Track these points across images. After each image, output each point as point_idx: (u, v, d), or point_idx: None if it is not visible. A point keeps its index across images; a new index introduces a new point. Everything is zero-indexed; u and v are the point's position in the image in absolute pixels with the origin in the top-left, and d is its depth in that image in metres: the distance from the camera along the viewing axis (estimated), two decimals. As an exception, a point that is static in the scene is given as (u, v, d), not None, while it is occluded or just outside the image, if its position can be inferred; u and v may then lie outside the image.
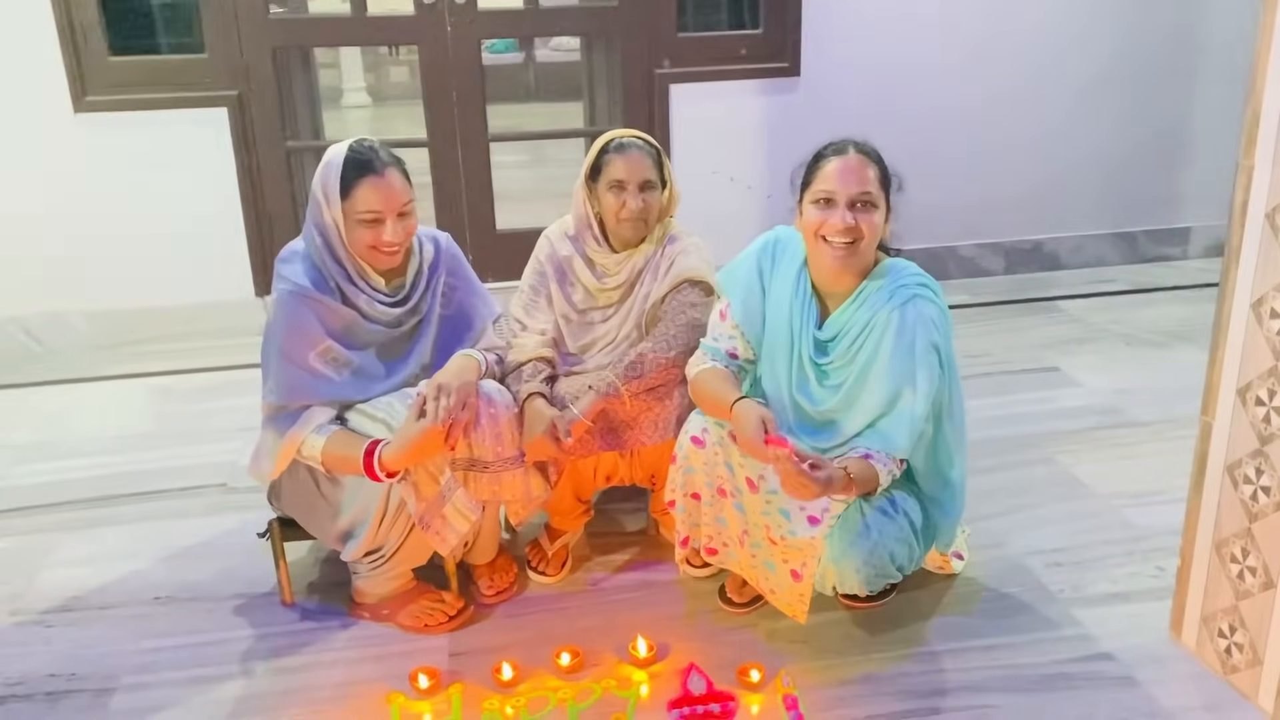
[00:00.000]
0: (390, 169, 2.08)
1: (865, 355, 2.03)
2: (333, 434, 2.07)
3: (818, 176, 2.01)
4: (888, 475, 1.99)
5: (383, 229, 2.06)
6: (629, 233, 2.31)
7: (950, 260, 4.31)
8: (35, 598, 2.40)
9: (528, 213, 4.18)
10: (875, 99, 4.02)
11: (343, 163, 2.05)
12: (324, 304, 2.09)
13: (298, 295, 2.07)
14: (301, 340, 2.07)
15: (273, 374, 2.10)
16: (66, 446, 3.11)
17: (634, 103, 3.92)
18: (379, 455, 2.01)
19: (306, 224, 2.13)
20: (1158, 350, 3.62)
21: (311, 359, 2.08)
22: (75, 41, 3.54)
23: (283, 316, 2.08)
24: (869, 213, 1.98)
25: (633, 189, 2.28)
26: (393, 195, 2.07)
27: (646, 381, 2.20)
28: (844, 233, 1.97)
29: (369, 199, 2.05)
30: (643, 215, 2.29)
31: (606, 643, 2.18)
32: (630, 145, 2.30)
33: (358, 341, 2.14)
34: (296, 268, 2.10)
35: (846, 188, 1.97)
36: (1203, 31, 4.18)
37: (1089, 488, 2.74)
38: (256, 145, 3.75)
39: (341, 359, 2.11)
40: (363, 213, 2.05)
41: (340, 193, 2.04)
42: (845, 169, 1.98)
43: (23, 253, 3.70)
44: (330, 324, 2.10)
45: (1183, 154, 4.37)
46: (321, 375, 2.09)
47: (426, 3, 3.70)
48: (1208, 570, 2.03)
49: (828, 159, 2.02)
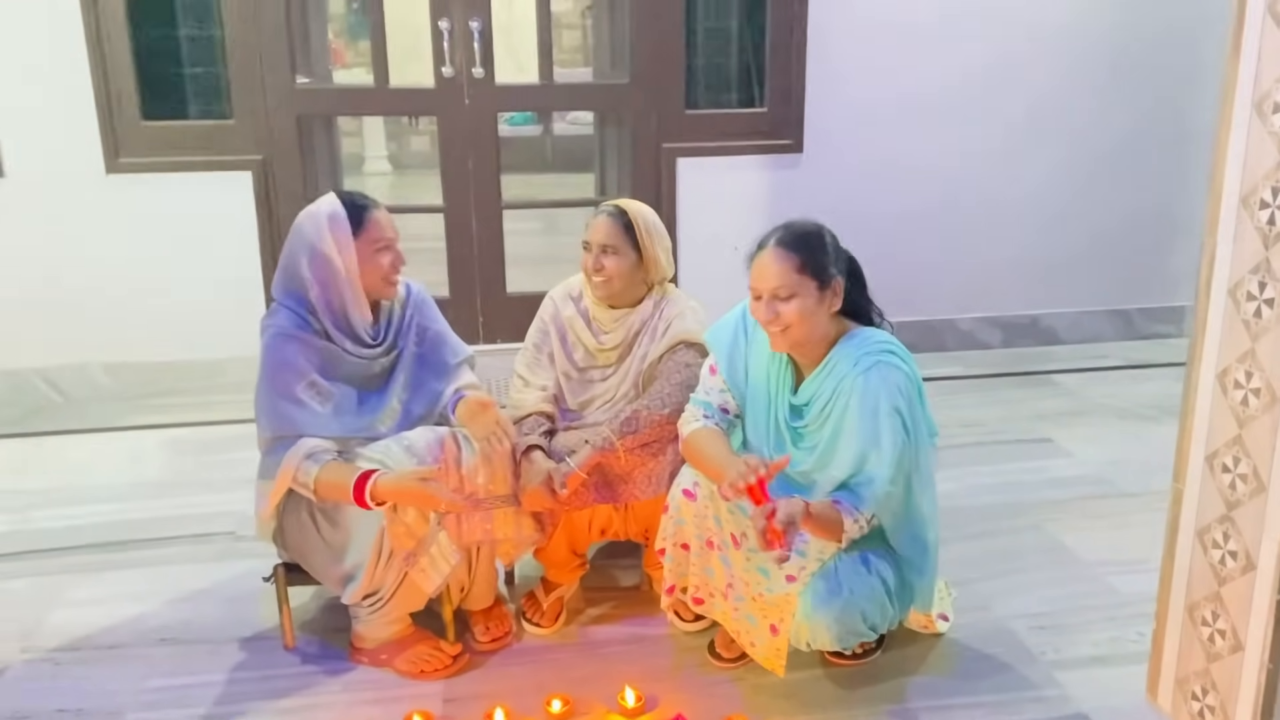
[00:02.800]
0: (376, 204, 2.31)
1: (834, 420, 2.11)
2: (327, 463, 2.17)
3: (750, 270, 2.13)
4: (855, 526, 2.06)
5: (395, 254, 2.28)
6: (599, 291, 2.46)
7: (948, 333, 4.41)
8: (46, 636, 2.47)
9: (538, 276, 4.29)
10: (875, 175, 4.17)
11: (343, 208, 2.24)
12: (307, 341, 2.24)
13: (283, 335, 2.23)
14: (289, 374, 2.22)
15: (264, 410, 2.23)
16: (82, 493, 3.20)
17: (643, 175, 4.08)
18: (372, 483, 2.11)
19: (285, 282, 2.28)
20: (1150, 424, 3.69)
21: (299, 391, 2.22)
22: (111, 106, 3.72)
23: (271, 356, 2.23)
24: (790, 302, 2.07)
25: (595, 250, 2.43)
26: (390, 223, 2.30)
27: (641, 437, 2.30)
28: (769, 323, 2.09)
29: (377, 230, 2.26)
30: (601, 273, 2.42)
31: (596, 692, 2.23)
32: (603, 212, 2.46)
33: (338, 375, 2.29)
34: (279, 317, 2.27)
35: (765, 282, 2.08)
36: (1198, 116, 4.32)
37: (1076, 555, 2.80)
38: (279, 208, 3.90)
39: (325, 392, 2.25)
40: (378, 241, 2.25)
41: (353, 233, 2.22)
42: (763, 265, 2.09)
43: (48, 305, 3.84)
44: (313, 358, 2.25)
45: (1178, 234, 4.48)
46: (308, 407, 2.22)
47: (446, 76, 3.87)
48: (1180, 633, 2.08)
49: (758, 252, 2.12)
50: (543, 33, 3.97)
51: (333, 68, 5.84)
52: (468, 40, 3.83)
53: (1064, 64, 4.21)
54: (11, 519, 3.03)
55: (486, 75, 3.89)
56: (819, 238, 2.12)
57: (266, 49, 3.76)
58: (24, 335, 3.85)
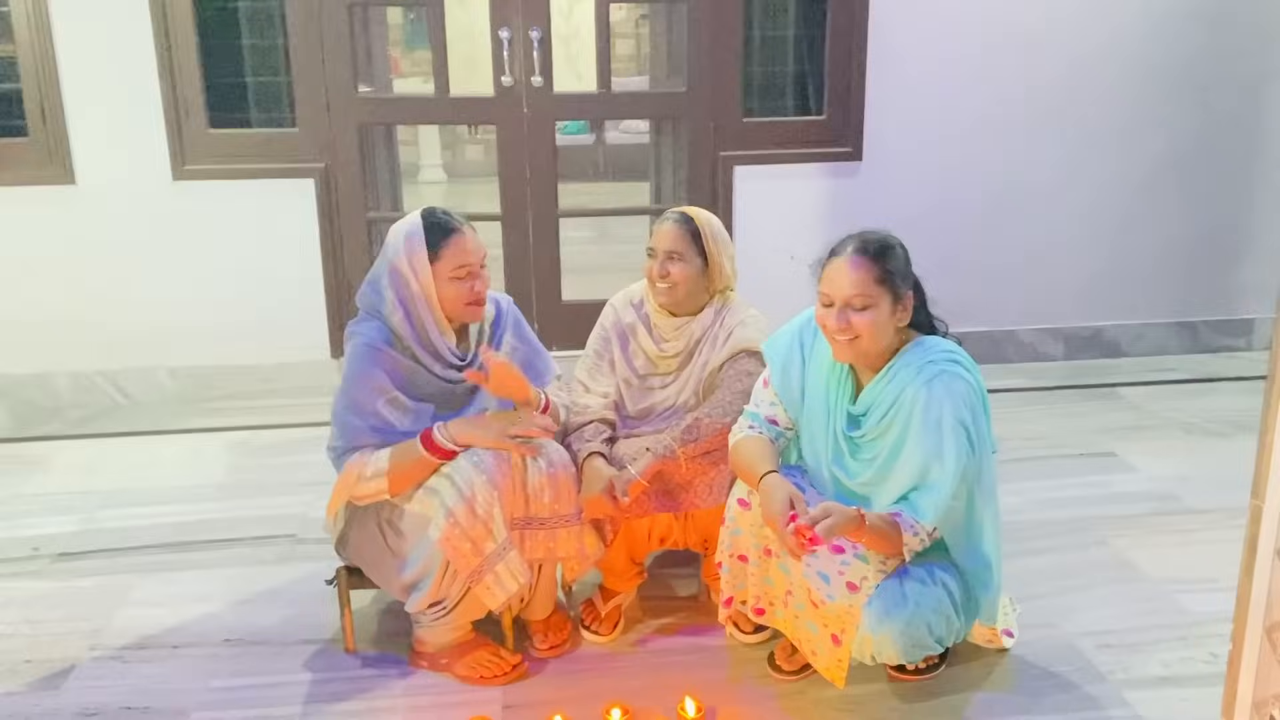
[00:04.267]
0: (466, 226, 2.25)
1: (896, 430, 2.08)
2: (392, 448, 2.18)
3: (823, 277, 2.10)
4: (915, 539, 2.03)
5: (476, 281, 2.22)
6: (662, 298, 2.44)
7: (1009, 344, 4.35)
8: (113, 634, 2.52)
9: (593, 285, 4.30)
10: (935, 185, 4.12)
11: (423, 229, 2.20)
12: (394, 357, 2.22)
13: (371, 347, 2.21)
14: (371, 388, 2.20)
15: (339, 421, 2.23)
16: (147, 494, 3.26)
17: (699, 183, 4.07)
18: (439, 427, 2.14)
19: (374, 294, 2.25)
20: (1218, 440, 3.61)
21: (380, 406, 2.21)
22: (179, 114, 3.79)
23: (355, 366, 2.21)
24: (864, 313, 2.05)
25: (661, 256, 2.41)
26: (478, 248, 2.23)
27: (702, 445, 2.29)
28: (840, 332, 2.06)
29: (459, 256, 2.20)
30: (667, 280, 2.41)
31: (655, 702, 2.22)
32: (668, 219, 2.45)
33: (420, 394, 2.27)
34: (368, 326, 2.24)
35: (840, 291, 2.05)
36: (1265, 123, 4.23)
37: (1143, 572, 2.74)
38: (339, 215, 3.95)
39: (404, 407, 2.23)
40: (456, 269, 2.20)
41: (429, 257, 2.19)
42: (839, 272, 2.06)
43: (115, 310, 3.92)
44: (396, 375, 2.23)
45: (1246, 246, 4.39)
46: (385, 421, 2.21)
47: (506, 85, 3.90)
48: (1259, 655, 2.02)
49: (830, 260, 2.09)
50: (601, 41, 3.98)
51: (391, 77, 5.90)
52: (527, 49, 3.85)
53: (1130, 73, 4.13)
54: (80, 519, 3.10)
55: (545, 84, 3.90)
56: (896, 250, 2.10)
57: (329, 58, 3.81)
58: (91, 338, 3.93)
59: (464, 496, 2.14)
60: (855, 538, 2.00)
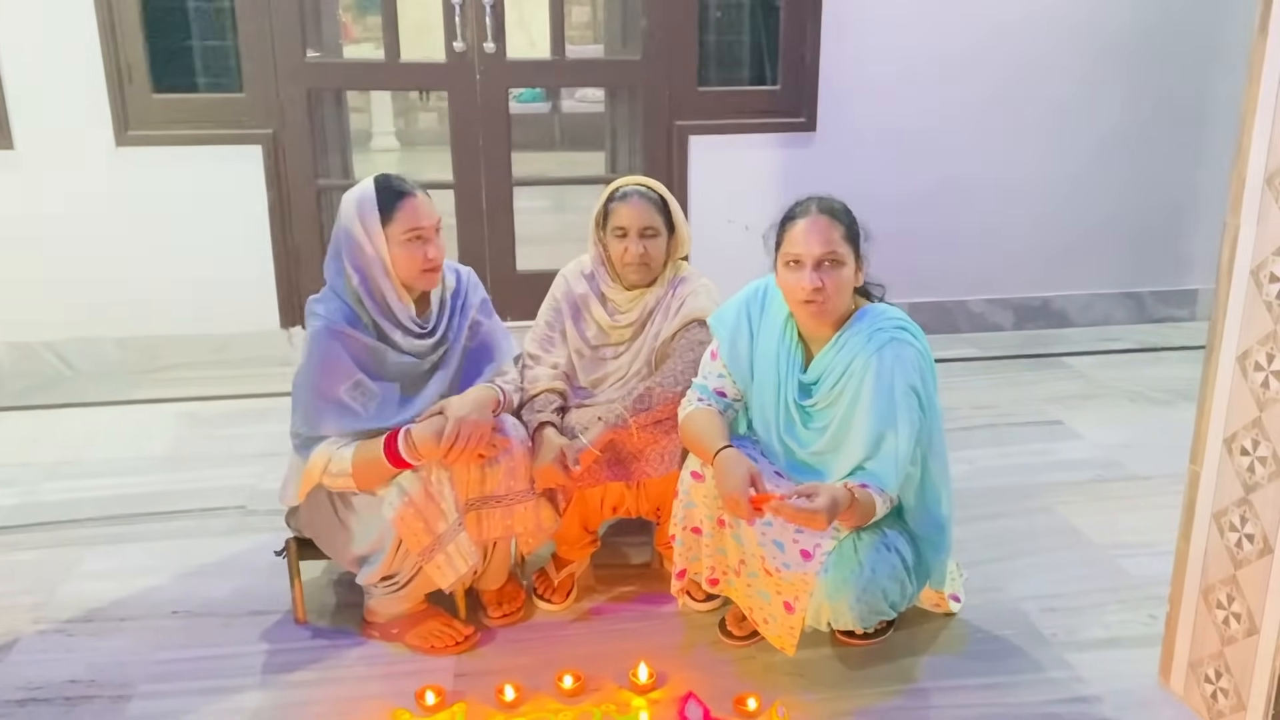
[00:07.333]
0: (419, 190, 2.21)
1: (848, 399, 2.10)
2: (356, 445, 2.15)
3: (786, 239, 2.09)
4: (884, 505, 2.06)
5: (429, 246, 2.18)
6: (634, 276, 2.42)
7: (960, 314, 4.39)
8: (58, 608, 2.48)
9: (548, 255, 4.27)
10: (889, 155, 4.14)
11: (375, 193, 2.17)
12: (356, 338, 2.18)
13: (332, 330, 2.16)
14: (333, 374, 2.16)
15: (302, 406, 2.18)
16: (93, 466, 3.21)
17: (654, 153, 4.05)
18: (404, 433, 2.11)
19: (335, 266, 2.21)
20: (1161, 408, 3.68)
21: (341, 393, 2.16)
22: (121, 78, 3.70)
23: (317, 351, 2.17)
24: (835, 270, 2.05)
25: (634, 235, 2.38)
26: (430, 213, 2.20)
27: (654, 414, 2.29)
28: (814, 292, 2.05)
29: (412, 218, 2.16)
30: (644, 260, 2.39)
31: (608, 669, 2.24)
32: (633, 193, 2.40)
33: (384, 374, 2.22)
34: (330, 305, 2.20)
35: (811, 249, 2.04)
36: (1210, 98, 4.29)
37: (1087, 537, 2.79)
38: (288, 182, 3.89)
39: (369, 392, 2.19)
40: (408, 232, 2.15)
41: (381, 220, 2.15)
42: (809, 231, 2.06)
43: (58, 279, 3.84)
44: (360, 358, 2.18)
45: (1191, 218, 4.46)
46: (349, 408, 2.17)
47: (458, 51, 3.84)
48: (1195, 616, 2.08)
49: (794, 221, 2.09)
50: (555, 6, 3.94)
51: (341, 42, 5.80)
52: (480, 14, 3.80)
53: (1082, 49, 4.17)
54: (21, 491, 3.04)
55: (498, 50, 3.86)
56: (851, 212, 2.12)
57: (277, 21, 3.73)
58: (33, 308, 3.84)
59: (419, 476, 2.13)
60: (844, 520, 2.01)
